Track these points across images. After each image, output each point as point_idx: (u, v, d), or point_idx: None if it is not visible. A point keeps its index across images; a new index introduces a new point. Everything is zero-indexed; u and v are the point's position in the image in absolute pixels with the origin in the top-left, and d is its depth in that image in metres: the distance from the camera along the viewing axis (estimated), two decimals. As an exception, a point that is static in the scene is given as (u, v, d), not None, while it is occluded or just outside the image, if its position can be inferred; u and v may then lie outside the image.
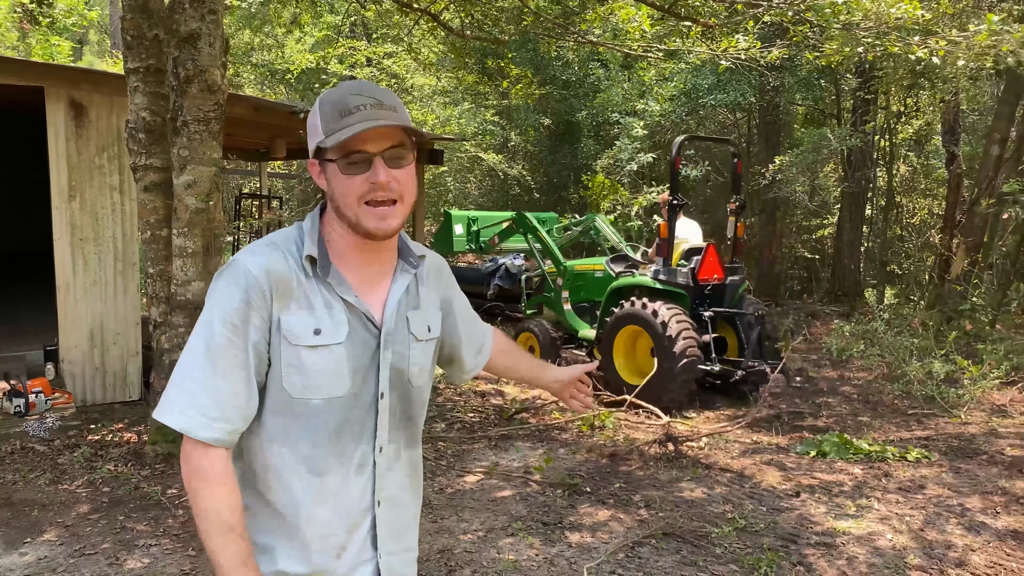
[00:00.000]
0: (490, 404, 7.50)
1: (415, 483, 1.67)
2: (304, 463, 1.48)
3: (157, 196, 5.49)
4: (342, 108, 1.43)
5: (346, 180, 1.45)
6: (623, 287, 7.94)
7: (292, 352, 1.45)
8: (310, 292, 1.48)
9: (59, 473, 5.19)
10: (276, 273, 1.45)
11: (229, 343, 1.42)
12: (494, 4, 8.31)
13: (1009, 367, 8.46)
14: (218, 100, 5.07)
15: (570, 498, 5.01)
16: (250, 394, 1.45)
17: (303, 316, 1.46)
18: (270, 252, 1.47)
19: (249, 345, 1.43)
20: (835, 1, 5.88)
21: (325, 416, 1.48)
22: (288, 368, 1.46)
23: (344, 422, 1.50)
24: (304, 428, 1.48)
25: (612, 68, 16.53)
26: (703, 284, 7.69)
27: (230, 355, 1.42)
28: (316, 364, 1.46)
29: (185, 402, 1.42)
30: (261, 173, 14.55)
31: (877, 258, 15.05)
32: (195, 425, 1.41)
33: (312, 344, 1.45)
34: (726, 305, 7.82)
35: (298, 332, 1.45)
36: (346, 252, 1.52)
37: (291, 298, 1.46)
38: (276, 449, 1.49)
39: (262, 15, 16.40)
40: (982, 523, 4.61)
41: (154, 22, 5.25)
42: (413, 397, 1.61)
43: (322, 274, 1.48)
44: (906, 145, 16.39)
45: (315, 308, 1.47)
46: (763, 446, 6.30)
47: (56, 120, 6.55)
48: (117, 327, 6.94)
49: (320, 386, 1.47)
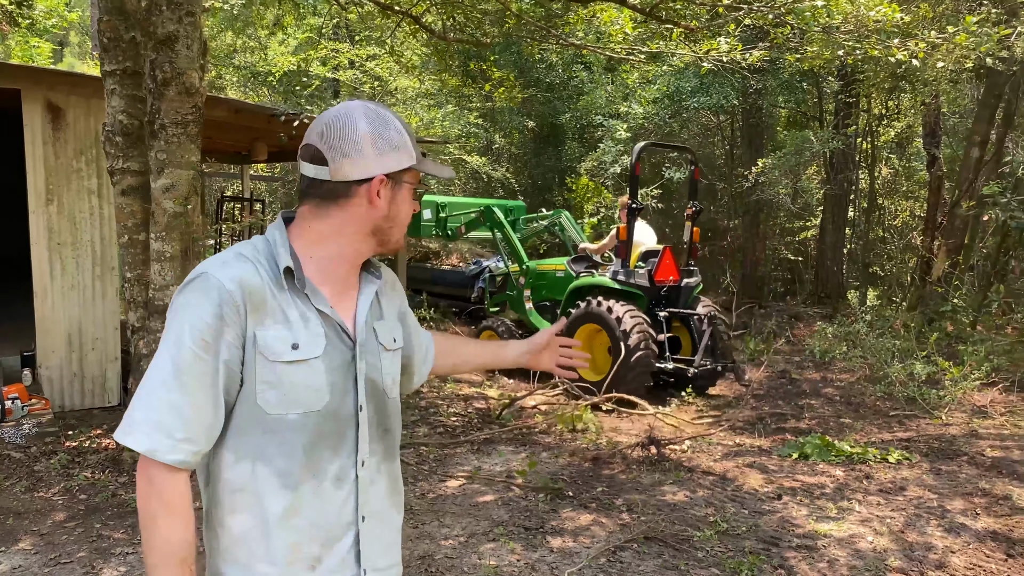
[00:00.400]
0: (473, 408, 7.47)
1: (396, 496, 1.64)
2: (278, 478, 1.44)
3: (135, 200, 5.43)
4: (414, 139, 1.53)
5: (410, 205, 1.55)
6: (583, 287, 8.26)
7: (268, 368, 1.41)
8: (284, 305, 1.44)
9: (35, 480, 5.12)
10: (250, 286, 1.41)
11: (198, 360, 1.37)
12: (476, 7, 8.28)
13: (989, 368, 8.51)
14: (196, 103, 5.02)
15: (552, 503, 4.99)
16: (216, 414, 1.41)
17: (280, 331, 1.42)
18: (240, 264, 1.43)
19: (220, 363, 1.39)
20: (815, 4, 5.91)
21: (300, 431, 1.44)
22: (262, 385, 1.42)
23: (319, 436, 1.46)
24: (278, 443, 1.44)
25: (596, 71, 16.56)
26: (659, 285, 8.03)
27: (198, 373, 1.38)
28: (294, 379, 1.43)
29: (151, 422, 1.36)
30: (243, 176, 14.46)
31: (860, 260, 15.14)
32: (161, 448, 1.36)
33: (290, 359, 1.42)
34: (681, 306, 8.16)
35: (276, 348, 1.42)
36: (337, 269, 1.52)
37: (265, 312, 1.42)
38: (247, 467, 1.44)
39: (245, 17, 16.32)
40: (962, 524, 4.62)
41: (131, 24, 5.19)
42: (389, 409, 1.60)
43: (299, 285, 1.46)
44: (888, 148, 16.51)
45: (291, 322, 1.44)
46: (746, 448, 6.30)
47: (33, 123, 6.47)
48: (96, 332, 6.86)
49: (297, 401, 1.43)
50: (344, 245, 1.51)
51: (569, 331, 7.94)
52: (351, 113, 1.48)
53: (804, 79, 14.00)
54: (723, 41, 6.96)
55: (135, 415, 1.38)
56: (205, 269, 1.42)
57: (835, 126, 13.71)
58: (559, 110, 16.67)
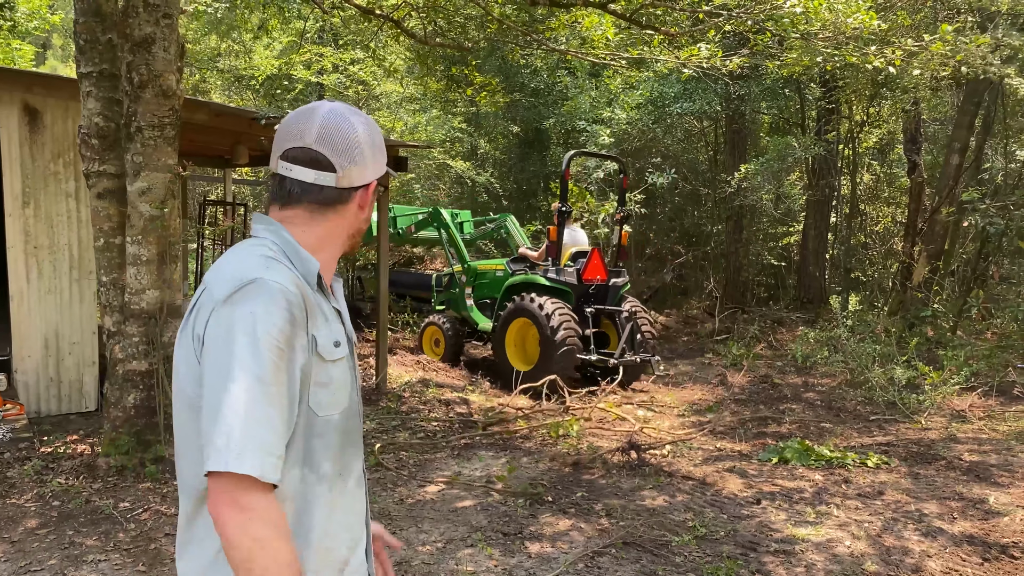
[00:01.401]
0: (455, 412, 7.44)
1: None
2: (325, 483, 1.42)
3: (111, 203, 5.38)
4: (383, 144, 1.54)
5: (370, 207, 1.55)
6: (517, 284, 8.85)
7: (322, 368, 1.40)
8: (321, 305, 1.45)
9: (7, 487, 5.05)
10: (302, 288, 1.38)
11: (277, 369, 1.29)
12: (458, 12, 8.28)
13: (969, 373, 8.58)
14: (173, 105, 4.98)
15: (531, 508, 4.97)
16: (292, 421, 1.34)
17: (327, 330, 1.43)
18: (282, 269, 1.38)
19: (296, 368, 1.33)
20: (794, 11, 5.94)
21: (339, 431, 1.44)
22: (316, 387, 1.39)
23: (347, 434, 1.47)
24: (324, 447, 1.42)
25: (580, 76, 16.59)
26: (587, 284, 8.58)
27: (280, 382, 1.30)
28: (337, 378, 1.43)
29: (251, 444, 1.24)
30: (226, 180, 14.38)
31: (842, 265, 15.22)
32: (268, 469, 1.24)
33: (335, 358, 1.43)
34: (608, 304, 8.76)
35: (328, 347, 1.41)
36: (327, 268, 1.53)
37: (316, 313, 1.41)
38: (299, 475, 1.38)
39: (229, 20, 16.23)
40: (939, 528, 4.64)
41: (107, 26, 5.15)
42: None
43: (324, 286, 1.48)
44: (869, 154, 16.63)
45: (329, 321, 1.45)
46: (726, 453, 6.31)
47: (9, 125, 6.40)
48: (73, 336, 6.79)
49: (338, 400, 1.43)
50: (335, 249, 1.52)
51: (503, 325, 8.60)
52: (345, 115, 1.44)
53: (786, 86, 14.08)
54: (704, 47, 6.99)
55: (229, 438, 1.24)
56: (256, 275, 1.34)
57: (817, 132, 13.80)
58: (543, 115, 16.68)
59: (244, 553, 1.22)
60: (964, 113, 11.90)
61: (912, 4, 10.27)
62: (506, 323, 8.58)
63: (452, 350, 9.56)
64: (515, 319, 8.48)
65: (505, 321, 8.59)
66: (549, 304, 8.14)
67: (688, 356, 11.10)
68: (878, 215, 16.89)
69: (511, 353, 8.65)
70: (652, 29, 7.00)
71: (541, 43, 8.47)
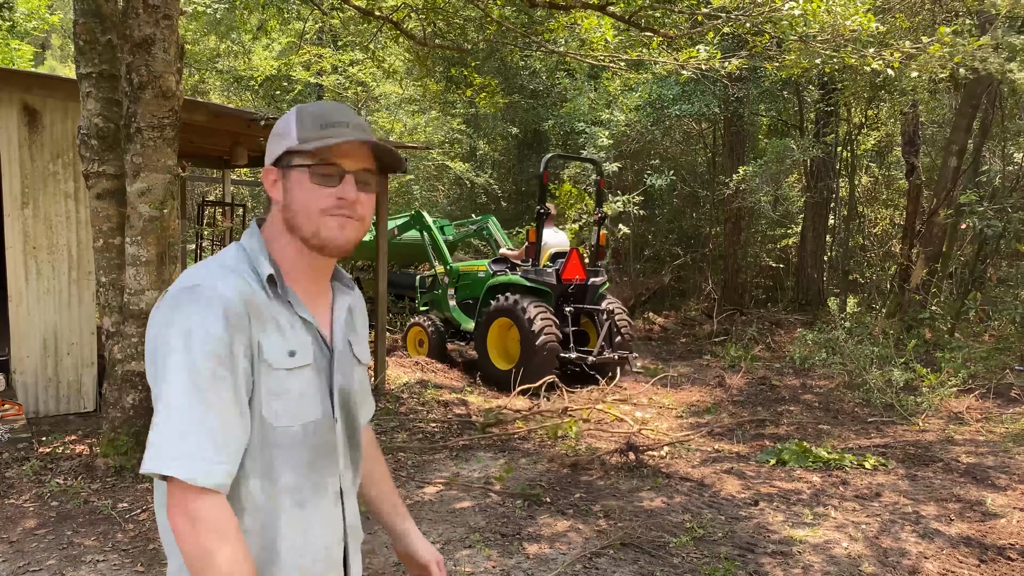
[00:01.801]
0: (453, 414, 7.45)
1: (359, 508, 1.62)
2: (288, 495, 1.39)
3: (110, 204, 5.39)
4: (324, 121, 1.40)
5: (314, 190, 1.39)
6: (498, 285, 9.02)
7: (273, 377, 1.37)
8: (275, 313, 1.40)
9: (6, 487, 5.06)
10: (247, 294, 1.35)
11: (216, 376, 1.28)
12: (458, 14, 8.29)
13: (966, 375, 8.60)
14: (172, 106, 4.99)
15: (530, 509, 4.98)
16: (244, 427, 1.33)
17: (278, 338, 1.38)
18: (231, 276, 1.37)
19: (239, 374, 1.32)
20: (792, 13, 5.96)
21: (303, 444, 1.40)
22: (268, 395, 1.36)
23: (317, 448, 1.43)
24: (285, 458, 1.38)
25: (579, 78, 16.61)
26: (567, 283, 8.81)
27: (220, 388, 1.29)
28: (294, 388, 1.39)
29: (181, 448, 1.26)
30: (224, 180, 14.39)
31: (840, 267, 15.24)
32: (199, 473, 1.25)
33: (290, 367, 1.38)
34: (587, 303, 8.98)
35: (277, 356, 1.37)
36: (296, 270, 1.46)
37: (264, 320, 1.37)
38: (260, 486, 1.37)
39: (228, 21, 16.25)
40: (936, 530, 4.65)
41: (107, 27, 5.16)
42: (356, 425, 1.55)
43: (282, 293, 1.42)
44: (867, 156, 16.65)
45: (283, 329, 1.40)
46: (724, 454, 6.32)
47: (8, 125, 6.40)
48: (72, 337, 6.80)
49: (298, 412, 1.40)
50: (285, 246, 1.45)
51: (484, 325, 8.78)
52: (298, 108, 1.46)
53: (785, 88, 14.11)
54: (702, 49, 7.01)
55: (161, 441, 1.27)
56: (198, 282, 1.34)
57: (816, 134, 13.81)
58: (542, 117, 16.70)
59: (195, 563, 1.25)
60: (962, 116, 11.91)
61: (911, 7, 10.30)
62: (488, 323, 8.77)
63: (436, 350, 9.70)
64: (496, 319, 8.66)
65: (487, 321, 8.77)
66: (529, 304, 8.34)
67: (686, 357, 11.11)
68: (876, 217, 16.92)
69: (493, 352, 8.82)
70: (651, 31, 7.02)
71: (540, 45, 8.48)
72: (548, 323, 8.25)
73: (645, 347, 11.85)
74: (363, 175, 1.43)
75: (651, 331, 13.08)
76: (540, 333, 8.15)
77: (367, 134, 1.42)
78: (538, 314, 8.24)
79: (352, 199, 1.40)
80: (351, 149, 1.41)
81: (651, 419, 7.49)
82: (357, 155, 1.42)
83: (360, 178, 1.43)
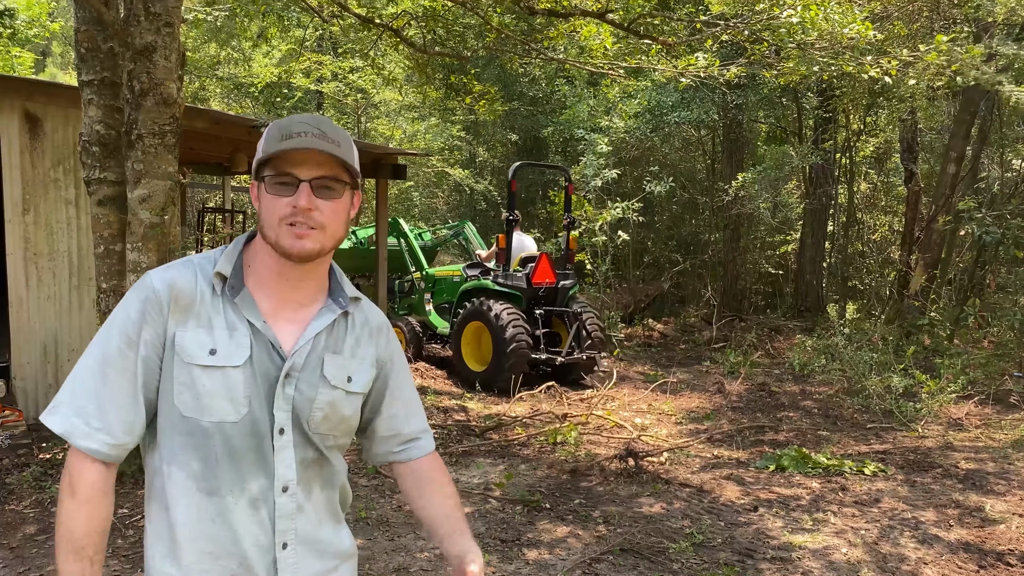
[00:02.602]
0: (453, 420, 7.45)
1: (336, 526, 1.58)
2: (194, 481, 1.43)
3: (111, 210, 5.40)
4: (285, 133, 1.42)
5: (272, 200, 1.43)
6: (470, 289, 9.37)
7: (184, 370, 1.42)
8: (212, 311, 1.44)
9: (6, 493, 5.06)
10: (179, 288, 1.44)
11: (121, 354, 1.42)
12: (457, 21, 8.32)
13: (966, 381, 8.61)
14: (174, 113, 5.00)
15: (529, 515, 4.98)
16: (136, 409, 1.44)
17: (199, 334, 1.43)
18: (181, 268, 1.48)
19: (139, 359, 1.42)
20: (791, 21, 5.99)
21: (215, 439, 1.42)
22: (179, 386, 1.42)
23: (237, 449, 1.43)
24: (195, 447, 1.43)
25: (578, 85, 16.66)
26: (536, 287, 9.08)
27: (121, 367, 1.42)
28: (208, 385, 1.41)
29: (71, 406, 1.41)
30: (225, 187, 14.42)
31: (839, 273, 15.27)
32: (76, 432, 1.40)
33: (205, 364, 1.41)
34: (558, 305, 9.30)
35: (192, 351, 1.42)
36: (266, 276, 1.49)
37: (190, 314, 1.43)
38: (169, 469, 1.44)
39: (228, 29, 16.28)
40: (935, 536, 4.66)
41: (108, 34, 5.18)
42: (316, 443, 1.50)
43: (230, 294, 1.45)
44: (866, 163, 16.69)
45: (214, 328, 1.43)
46: (724, 460, 6.33)
47: (10, 132, 6.42)
48: (72, 343, 6.80)
49: (211, 407, 1.42)
50: (263, 253, 1.49)
51: (459, 329, 9.06)
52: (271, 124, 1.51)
53: (783, 95, 14.14)
54: (701, 57, 7.04)
55: (60, 396, 1.43)
56: (149, 271, 1.48)
57: (814, 141, 13.85)
58: (542, 123, 16.74)
59: (58, 503, 1.43)
60: (960, 123, 11.95)
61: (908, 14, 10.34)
62: (461, 326, 9.04)
63: (413, 352, 9.97)
64: (469, 322, 8.94)
65: (460, 324, 9.05)
66: (499, 307, 8.65)
67: (686, 364, 11.12)
68: (875, 224, 16.95)
69: (467, 354, 9.08)
70: (650, 39, 7.05)
71: (539, 52, 8.52)
72: (519, 326, 8.55)
73: (645, 353, 11.86)
74: (322, 182, 1.43)
75: (651, 337, 13.09)
76: (511, 336, 8.42)
77: (324, 142, 1.42)
78: (509, 319, 8.52)
79: (305, 206, 1.41)
80: (306, 157, 1.42)
81: (650, 425, 7.49)
82: (314, 163, 1.43)
83: (320, 185, 1.43)
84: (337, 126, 1.49)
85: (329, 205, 1.45)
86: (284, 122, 1.46)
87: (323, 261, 1.52)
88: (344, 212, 1.49)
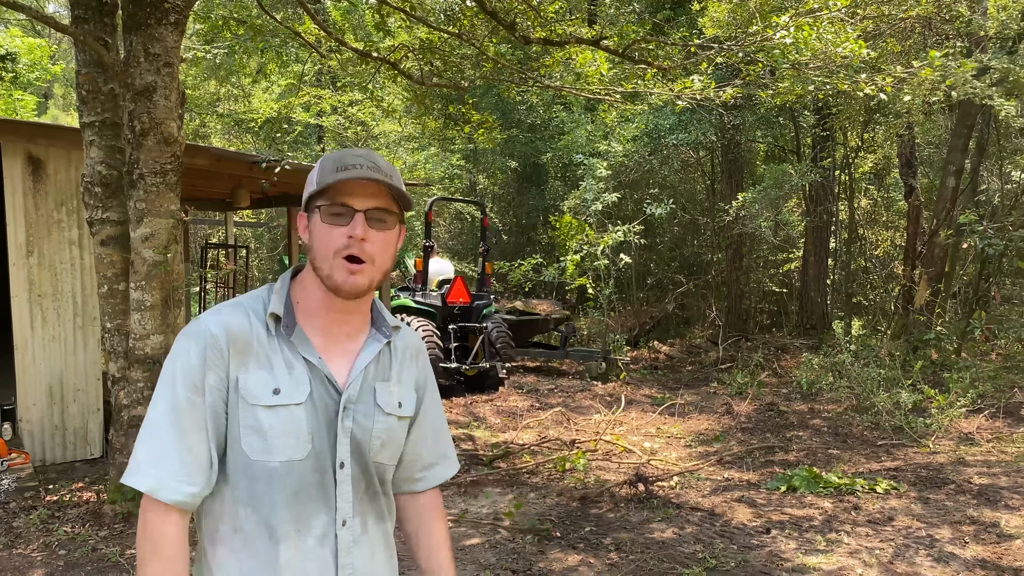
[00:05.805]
0: (460, 449, 7.41)
1: (389, 560, 1.60)
2: (266, 528, 1.44)
3: (114, 250, 5.43)
4: (340, 164, 1.45)
5: (327, 230, 1.44)
6: (396, 307, 10.64)
7: (250, 412, 1.43)
8: (271, 351, 1.46)
9: (13, 537, 5.03)
10: (235, 331, 1.44)
11: (190, 403, 1.42)
12: (454, 52, 8.40)
13: (975, 395, 8.55)
14: (175, 152, 5.04)
15: (540, 544, 4.94)
16: (212, 455, 1.44)
17: (262, 375, 1.44)
18: (232, 311, 1.48)
19: (207, 405, 1.43)
20: (784, 42, 6.03)
21: (284, 480, 1.44)
22: (246, 429, 1.43)
23: (303, 487, 1.45)
24: (264, 491, 1.44)
25: (575, 111, 16.77)
26: (451, 305, 10.47)
27: (192, 415, 1.42)
28: (275, 425, 1.43)
29: (151, 463, 1.40)
30: (227, 222, 14.48)
31: (843, 290, 15.24)
32: (162, 486, 1.39)
33: (270, 404, 1.43)
34: (473, 322, 10.56)
35: (256, 392, 1.43)
36: (316, 311, 1.51)
37: (249, 357, 1.45)
38: (241, 512, 1.45)
39: (228, 66, 16.45)
40: (951, 553, 4.60)
41: (109, 76, 5.24)
42: (373, 471, 1.54)
43: (285, 332, 1.47)
44: (866, 179, 16.72)
45: (274, 367, 1.45)
46: (734, 482, 6.28)
47: (13, 175, 6.47)
48: (77, 383, 6.80)
49: (278, 448, 1.43)
50: (312, 287, 1.51)
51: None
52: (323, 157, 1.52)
53: (780, 114, 14.20)
54: (697, 79, 7.08)
55: (138, 455, 1.42)
56: (200, 317, 1.48)
57: (813, 159, 13.89)
58: (541, 150, 16.82)
59: (138, 558, 1.41)
60: (958, 136, 11.99)
61: (901, 31, 10.41)
62: None
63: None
64: None
65: None
66: (415, 322, 10.00)
67: (693, 385, 11.07)
68: (877, 239, 16.95)
69: None
70: (645, 63, 7.10)
71: (536, 80, 8.58)
72: (429, 337, 9.70)
73: (652, 376, 11.82)
74: (376, 213, 1.46)
75: (657, 360, 13.05)
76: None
77: (378, 173, 1.44)
78: (421, 330, 9.68)
79: (360, 235, 1.42)
80: (361, 188, 1.44)
81: (659, 449, 7.45)
82: (369, 194, 1.45)
83: (374, 216, 1.45)
84: (386, 160, 1.52)
85: (381, 236, 1.47)
86: (338, 155, 1.48)
87: (370, 296, 1.55)
88: (393, 245, 1.52)
